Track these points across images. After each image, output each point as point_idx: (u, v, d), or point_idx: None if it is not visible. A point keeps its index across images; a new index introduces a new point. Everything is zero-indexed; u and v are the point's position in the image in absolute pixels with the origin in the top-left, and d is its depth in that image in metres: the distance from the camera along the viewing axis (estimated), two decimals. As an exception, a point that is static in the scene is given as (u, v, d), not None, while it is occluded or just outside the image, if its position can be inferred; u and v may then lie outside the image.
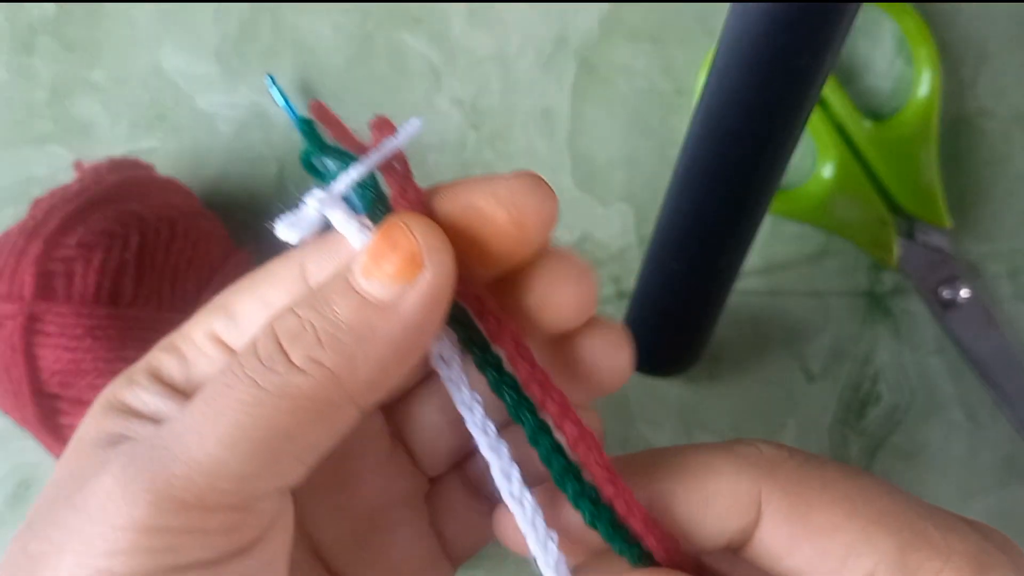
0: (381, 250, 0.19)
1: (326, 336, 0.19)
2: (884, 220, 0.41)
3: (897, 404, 0.42)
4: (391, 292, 0.19)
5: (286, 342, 0.19)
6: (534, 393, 0.21)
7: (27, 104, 0.42)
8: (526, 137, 0.42)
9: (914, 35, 0.41)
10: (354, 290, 0.19)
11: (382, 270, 0.19)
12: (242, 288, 0.22)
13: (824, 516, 0.20)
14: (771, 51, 0.31)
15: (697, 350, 0.40)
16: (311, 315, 0.19)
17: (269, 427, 0.18)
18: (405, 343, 0.19)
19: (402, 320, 0.19)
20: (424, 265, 0.19)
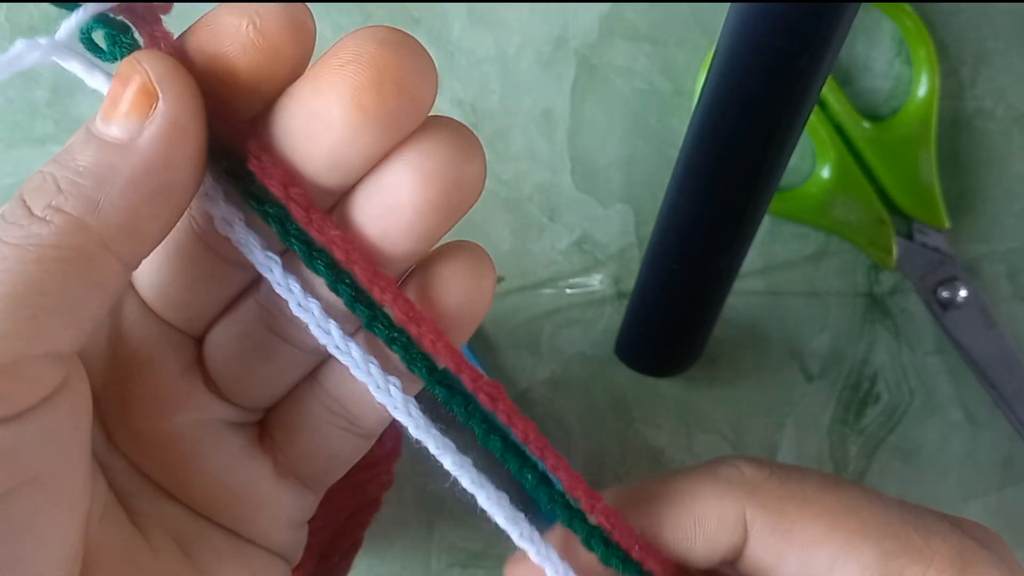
0: (116, 91, 0.19)
1: (65, 183, 0.18)
2: (883, 220, 0.41)
3: (896, 404, 0.42)
4: (128, 130, 0.19)
5: (28, 196, 0.19)
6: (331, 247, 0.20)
7: (28, 104, 0.42)
8: (526, 137, 0.42)
9: (913, 36, 0.41)
10: (94, 135, 0.19)
11: (118, 110, 0.19)
12: None
13: (807, 531, 0.20)
14: (770, 52, 0.31)
15: (696, 350, 0.40)
16: (53, 168, 0.19)
17: (16, 281, 0.18)
18: (151, 181, 0.19)
19: (142, 155, 0.18)
20: (157, 95, 0.19)
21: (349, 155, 0.19)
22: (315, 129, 0.19)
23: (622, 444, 0.42)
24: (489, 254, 0.22)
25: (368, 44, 0.19)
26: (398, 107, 0.19)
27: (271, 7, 0.19)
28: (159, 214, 0.19)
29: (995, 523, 0.43)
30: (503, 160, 0.42)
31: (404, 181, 0.20)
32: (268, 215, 0.20)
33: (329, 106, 0.19)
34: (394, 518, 0.41)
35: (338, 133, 0.19)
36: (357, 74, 0.19)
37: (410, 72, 0.19)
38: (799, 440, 0.42)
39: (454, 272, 0.21)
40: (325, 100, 0.19)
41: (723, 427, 0.42)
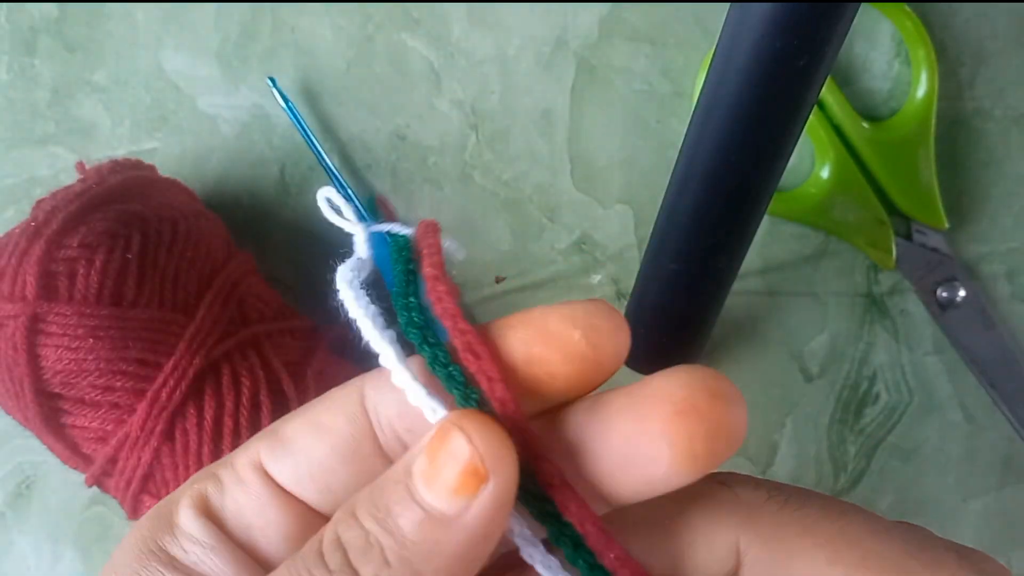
0: (439, 454, 0.18)
1: (393, 555, 0.18)
2: (882, 221, 0.41)
3: (895, 404, 0.43)
4: (454, 506, 0.18)
5: (355, 558, 0.19)
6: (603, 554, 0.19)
7: (29, 105, 0.42)
8: (526, 138, 0.42)
9: (912, 36, 0.41)
10: (415, 502, 0.19)
11: (442, 482, 0.18)
12: (295, 413, 0.22)
13: (805, 563, 0.20)
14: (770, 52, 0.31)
15: (696, 350, 0.40)
16: (375, 529, 0.19)
17: None
18: (470, 553, 0.19)
19: (466, 532, 0.18)
20: (488, 478, 0.18)
21: (656, 489, 0.19)
22: (634, 463, 0.19)
23: (622, 444, 0.42)
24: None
25: (702, 396, 0.19)
26: (725, 455, 0.19)
27: (602, 320, 0.19)
28: (468, 572, 0.19)
29: (994, 523, 0.43)
30: (503, 160, 0.42)
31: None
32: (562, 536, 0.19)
33: (660, 451, 0.19)
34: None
35: (660, 473, 0.19)
36: (694, 425, 0.19)
37: (737, 424, 0.19)
38: (798, 440, 0.43)
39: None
40: (656, 445, 0.19)
41: (723, 427, 0.42)
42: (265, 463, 0.21)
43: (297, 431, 0.21)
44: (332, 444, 0.21)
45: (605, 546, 0.19)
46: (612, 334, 0.19)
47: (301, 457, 0.21)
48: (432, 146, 0.42)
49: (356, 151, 0.42)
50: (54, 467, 0.40)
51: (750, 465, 0.42)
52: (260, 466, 0.21)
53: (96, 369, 0.33)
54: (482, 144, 0.42)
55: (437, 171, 0.42)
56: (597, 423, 0.20)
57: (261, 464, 0.21)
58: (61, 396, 0.34)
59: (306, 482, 0.21)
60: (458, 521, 0.18)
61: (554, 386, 0.20)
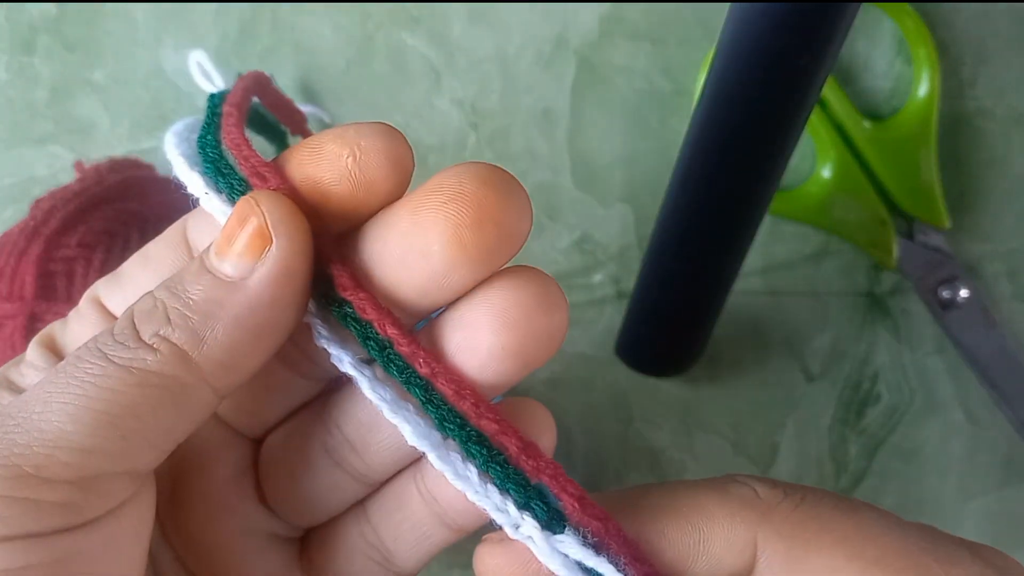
0: (231, 228, 0.19)
1: (175, 314, 0.19)
2: (883, 220, 0.41)
3: (896, 404, 0.42)
4: (240, 269, 0.19)
5: (138, 320, 0.19)
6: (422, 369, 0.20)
7: (28, 104, 0.42)
8: (526, 137, 0.42)
9: (913, 35, 0.41)
10: (207, 270, 0.19)
11: (232, 248, 0.19)
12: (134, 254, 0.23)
13: (823, 560, 0.20)
14: (771, 51, 0.31)
15: (697, 350, 0.40)
16: (165, 295, 0.19)
17: (115, 401, 0.18)
18: (255, 320, 0.19)
19: (249, 296, 0.19)
20: (271, 239, 0.19)
21: (440, 286, 0.20)
22: (411, 259, 0.19)
23: (622, 444, 0.42)
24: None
25: (470, 182, 0.19)
26: (496, 245, 0.19)
27: (374, 141, 0.20)
28: (259, 350, 0.20)
29: (995, 523, 0.43)
30: (503, 160, 0.42)
31: (484, 323, 0.20)
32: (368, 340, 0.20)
33: (428, 240, 0.19)
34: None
35: (434, 266, 0.19)
36: (459, 212, 0.19)
37: (509, 211, 0.19)
38: (799, 440, 0.42)
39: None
40: (424, 234, 0.19)
41: (723, 427, 0.42)
42: (101, 296, 0.22)
43: (129, 265, 0.22)
44: (156, 271, 0.22)
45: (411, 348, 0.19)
46: (382, 154, 0.20)
47: (129, 285, 0.22)
48: (432, 145, 0.42)
49: (356, 150, 0.42)
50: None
51: (751, 465, 0.42)
52: (97, 300, 0.22)
53: (95, 369, 0.33)
54: (482, 143, 0.42)
55: (437, 170, 0.42)
56: (380, 225, 0.20)
57: (98, 299, 0.22)
58: (60, 396, 0.34)
59: None
60: (242, 283, 0.19)
61: (329, 208, 0.20)
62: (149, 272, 0.22)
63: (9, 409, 0.18)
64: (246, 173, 0.20)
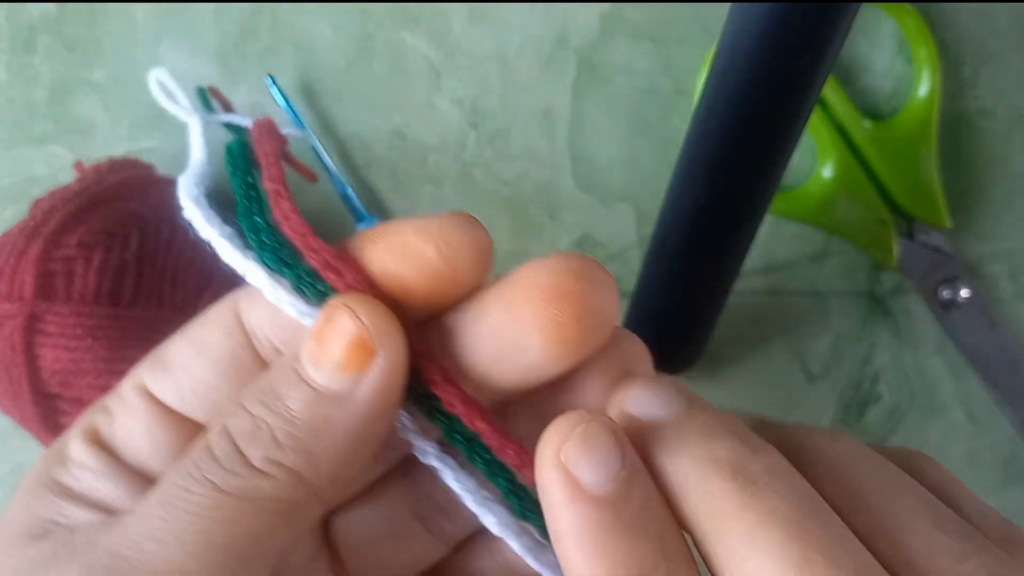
0: (329, 338, 0.18)
1: (283, 435, 0.18)
2: (884, 220, 0.41)
3: (897, 404, 0.42)
4: (343, 382, 0.18)
5: (243, 443, 0.18)
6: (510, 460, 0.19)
7: (27, 104, 0.42)
8: (526, 137, 0.42)
9: (914, 35, 0.41)
10: (304, 382, 0.18)
11: (332, 360, 0.18)
12: (175, 336, 0.21)
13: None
14: (771, 51, 0.31)
15: (697, 350, 0.40)
16: (264, 413, 0.18)
17: (235, 532, 0.18)
18: (363, 432, 0.19)
19: (359, 410, 0.18)
20: (376, 352, 0.18)
21: (537, 377, 0.19)
22: (507, 353, 0.19)
23: (623, 444, 0.42)
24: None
25: (567, 279, 0.19)
26: (595, 335, 0.19)
27: (459, 236, 0.19)
28: (363, 457, 0.19)
29: (996, 523, 0.43)
30: (503, 159, 0.42)
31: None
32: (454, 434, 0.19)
33: (529, 337, 0.19)
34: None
35: (532, 360, 0.19)
36: (560, 311, 0.18)
37: (606, 301, 0.19)
38: (800, 440, 0.42)
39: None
40: (524, 331, 0.19)
41: (724, 427, 0.42)
42: (149, 385, 0.21)
43: (177, 350, 0.21)
44: (212, 359, 0.21)
45: (500, 442, 0.19)
46: (467, 248, 0.19)
47: (182, 375, 0.21)
48: (432, 145, 0.42)
49: (355, 149, 0.42)
50: (53, 467, 0.40)
51: (751, 465, 0.42)
52: (145, 389, 0.21)
53: (94, 369, 0.33)
54: (482, 143, 0.42)
55: (437, 170, 0.42)
56: (471, 318, 0.19)
57: (146, 387, 0.21)
58: (59, 396, 0.34)
59: (190, 399, 0.21)
60: (349, 398, 0.18)
61: (412, 302, 0.19)
62: (203, 361, 0.21)
63: (117, 548, 0.18)
64: (317, 266, 0.19)
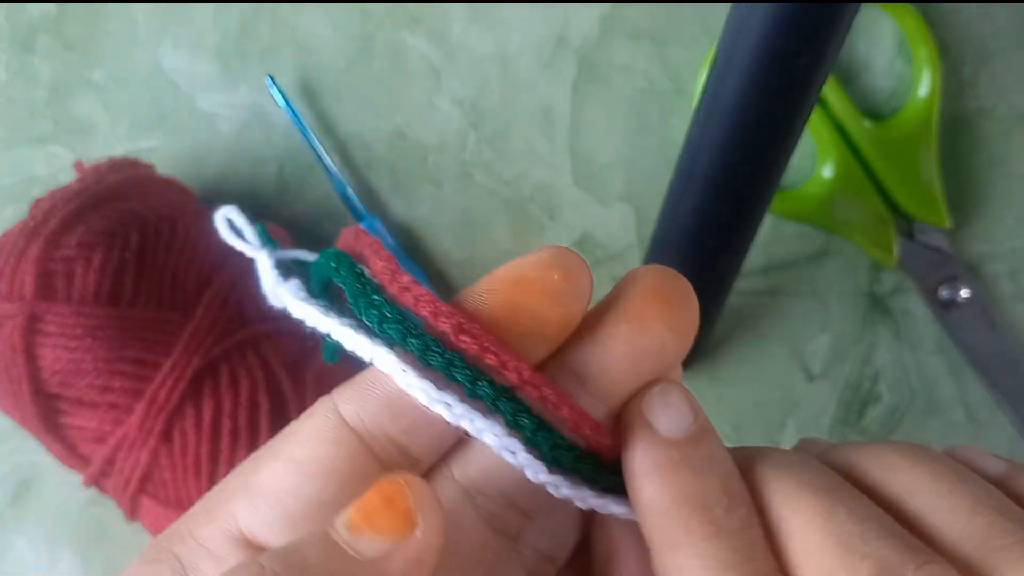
0: (374, 505, 0.18)
1: None
2: (884, 220, 0.41)
3: (897, 404, 0.42)
4: (380, 551, 0.18)
5: None
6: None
7: (27, 104, 0.42)
8: (526, 137, 0.42)
9: (914, 35, 0.41)
10: (332, 540, 0.18)
11: (373, 526, 0.18)
12: (260, 458, 0.20)
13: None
14: (771, 50, 0.31)
15: (697, 349, 0.40)
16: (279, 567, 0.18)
17: None
18: None
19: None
20: (417, 524, 0.18)
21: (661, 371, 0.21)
22: (642, 361, 0.21)
23: (622, 444, 0.42)
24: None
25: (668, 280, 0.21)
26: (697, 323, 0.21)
27: (566, 257, 0.21)
28: None
29: (996, 523, 0.42)
30: (503, 160, 0.42)
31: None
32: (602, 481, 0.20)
33: (664, 338, 0.20)
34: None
35: (666, 359, 0.21)
36: (679, 308, 0.21)
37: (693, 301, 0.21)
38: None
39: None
40: (659, 334, 0.20)
41: (724, 427, 0.42)
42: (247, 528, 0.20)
43: (274, 474, 0.20)
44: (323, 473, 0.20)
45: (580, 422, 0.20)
46: (582, 267, 0.21)
47: (290, 500, 0.19)
48: (432, 145, 0.42)
49: (355, 149, 0.42)
50: (52, 468, 0.40)
51: (751, 465, 0.42)
52: (242, 537, 0.20)
53: (94, 369, 0.33)
54: (482, 143, 0.42)
55: (437, 170, 0.42)
56: (597, 342, 0.21)
57: (242, 533, 0.20)
58: (59, 396, 0.34)
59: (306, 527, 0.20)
60: (379, 565, 0.18)
61: (548, 331, 0.20)
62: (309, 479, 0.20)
63: None
64: (448, 329, 0.19)
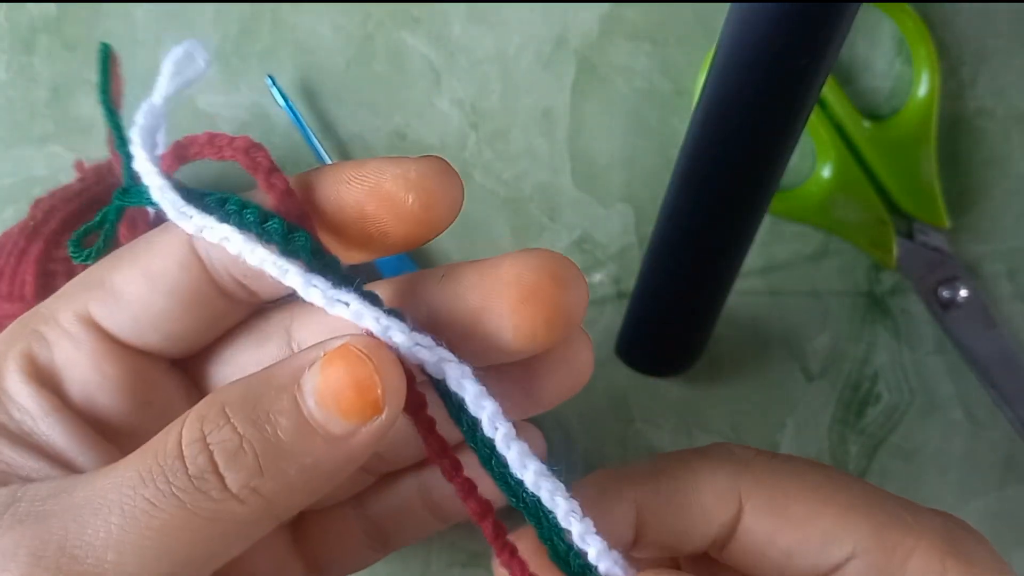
0: (342, 382, 0.18)
1: (268, 463, 0.18)
2: (883, 220, 0.41)
3: (896, 404, 0.42)
4: (344, 428, 0.18)
5: (222, 462, 0.18)
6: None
7: (28, 104, 0.42)
8: (526, 137, 0.42)
9: (913, 35, 0.41)
10: (303, 414, 0.18)
11: (337, 403, 0.18)
12: (117, 262, 0.21)
13: (802, 505, 0.21)
14: (771, 51, 0.31)
15: (697, 350, 0.40)
16: (251, 433, 0.18)
17: (195, 550, 0.17)
18: (343, 472, 0.19)
19: (349, 454, 0.18)
20: (383, 409, 0.18)
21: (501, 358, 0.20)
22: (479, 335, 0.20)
23: (622, 444, 0.42)
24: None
25: (544, 280, 0.19)
26: (563, 334, 0.20)
27: (436, 184, 0.20)
28: (332, 487, 0.19)
29: (995, 523, 0.43)
30: (503, 160, 0.42)
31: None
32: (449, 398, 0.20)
33: (503, 329, 0.19)
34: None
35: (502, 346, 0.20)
36: (536, 310, 0.19)
37: (577, 307, 0.20)
38: (800, 440, 0.42)
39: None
40: (500, 324, 0.19)
41: (723, 427, 0.42)
42: (97, 316, 0.20)
43: (126, 281, 0.20)
44: (168, 291, 0.21)
45: None
46: (445, 195, 0.20)
47: (137, 306, 0.20)
48: (432, 145, 0.42)
49: (356, 150, 0.42)
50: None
51: (751, 465, 0.42)
52: (90, 320, 0.20)
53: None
54: (482, 143, 0.42)
55: (437, 170, 0.42)
56: (449, 295, 0.20)
57: (91, 318, 0.20)
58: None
59: (148, 331, 0.20)
60: (343, 442, 0.18)
61: (387, 242, 0.20)
62: (160, 292, 0.21)
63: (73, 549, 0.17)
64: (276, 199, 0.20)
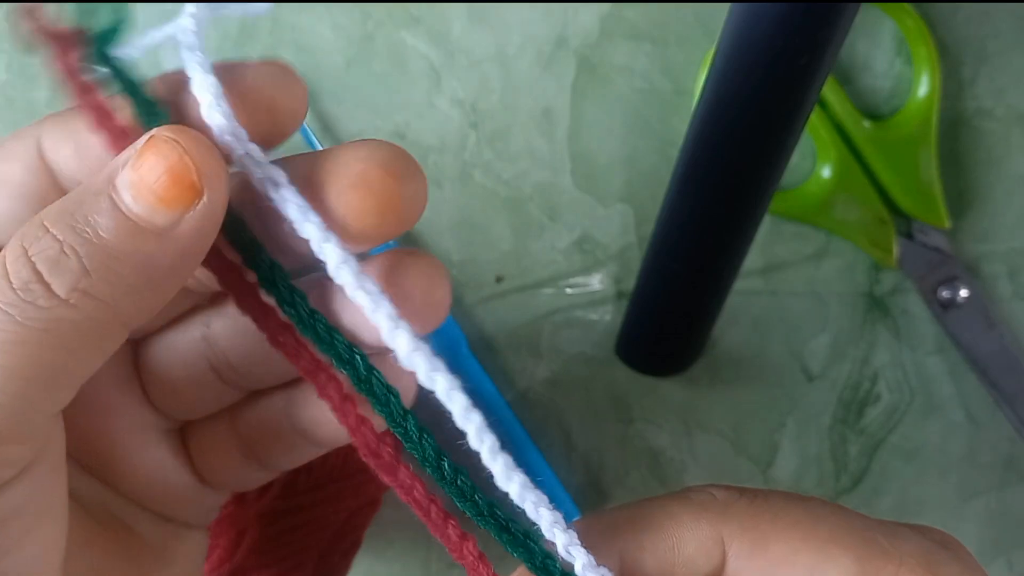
0: (155, 170, 0.18)
1: (93, 263, 0.17)
2: (883, 220, 0.41)
3: (896, 404, 0.42)
4: (167, 218, 0.18)
5: (45, 269, 0.17)
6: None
7: (28, 104, 0.42)
8: (526, 137, 0.42)
9: (913, 35, 0.41)
10: (122, 212, 0.18)
11: (154, 194, 0.18)
12: None
13: (783, 544, 0.21)
14: (771, 51, 0.31)
15: (697, 350, 0.40)
16: (71, 238, 0.17)
17: (37, 364, 0.17)
18: (179, 267, 0.18)
19: (179, 247, 0.18)
20: (202, 192, 0.18)
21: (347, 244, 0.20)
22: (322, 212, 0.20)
23: (622, 444, 0.42)
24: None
25: (375, 171, 0.19)
26: (395, 228, 0.20)
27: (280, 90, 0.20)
28: (175, 286, 0.19)
29: (995, 523, 0.43)
30: (503, 160, 0.42)
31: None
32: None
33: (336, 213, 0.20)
34: (394, 518, 0.41)
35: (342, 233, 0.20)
36: (364, 200, 0.19)
37: (410, 200, 0.20)
38: (799, 440, 0.42)
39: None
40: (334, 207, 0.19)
41: (723, 427, 0.42)
42: None
43: None
44: (14, 195, 0.20)
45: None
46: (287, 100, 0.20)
47: None
48: (432, 145, 0.42)
49: (356, 150, 0.42)
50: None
51: (751, 465, 0.42)
52: None
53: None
54: (482, 143, 0.42)
55: (437, 170, 0.42)
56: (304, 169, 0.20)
57: None
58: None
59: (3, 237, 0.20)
60: (170, 234, 0.18)
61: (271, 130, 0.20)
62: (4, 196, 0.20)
63: None
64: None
